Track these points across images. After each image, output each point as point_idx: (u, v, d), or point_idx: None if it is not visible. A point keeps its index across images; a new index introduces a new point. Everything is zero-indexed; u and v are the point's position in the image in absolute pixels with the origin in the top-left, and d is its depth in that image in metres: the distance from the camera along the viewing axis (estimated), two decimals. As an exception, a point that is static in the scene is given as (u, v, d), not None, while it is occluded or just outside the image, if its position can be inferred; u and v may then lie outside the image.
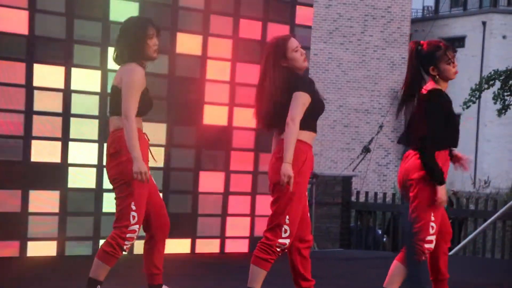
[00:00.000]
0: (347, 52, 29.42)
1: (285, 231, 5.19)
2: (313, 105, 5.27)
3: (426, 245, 5.37)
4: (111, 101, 5.39)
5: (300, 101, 5.21)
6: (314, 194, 12.42)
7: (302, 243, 5.36)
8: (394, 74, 29.51)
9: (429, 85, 5.63)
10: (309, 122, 5.27)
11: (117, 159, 5.23)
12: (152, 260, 5.46)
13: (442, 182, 5.36)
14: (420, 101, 5.57)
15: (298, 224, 5.27)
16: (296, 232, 5.26)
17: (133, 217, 5.21)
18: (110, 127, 5.33)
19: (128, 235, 5.22)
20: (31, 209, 7.73)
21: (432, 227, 5.39)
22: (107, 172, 5.33)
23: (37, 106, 7.73)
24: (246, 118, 8.81)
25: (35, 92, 7.72)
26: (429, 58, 5.59)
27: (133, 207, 5.20)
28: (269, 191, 5.30)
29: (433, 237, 5.40)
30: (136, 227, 5.23)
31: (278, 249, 5.20)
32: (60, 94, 7.85)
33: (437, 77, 5.58)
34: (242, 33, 8.80)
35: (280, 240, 5.18)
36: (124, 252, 5.28)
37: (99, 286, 5.25)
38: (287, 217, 5.19)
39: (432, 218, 5.39)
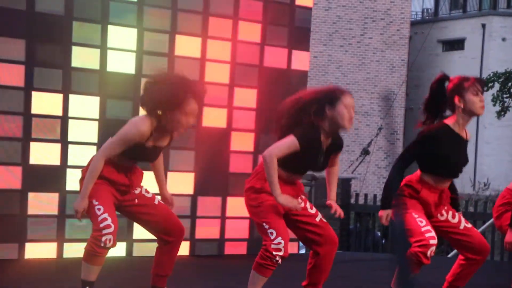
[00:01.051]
0: (347, 55, 29.44)
1: (271, 233, 5.18)
2: (298, 158, 5.24)
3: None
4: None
5: (287, 142, 5.20)
6: (313, 196, 12.42)
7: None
8: (393, 77, 29.52)
9: (447, 120, 5.61)
10: (293, 169, 5.32)
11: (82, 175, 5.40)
12: (158, 262, 5.47)
13: (382, 206, 5.45)
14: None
15: None
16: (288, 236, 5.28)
17: (99, 209, 5.17)
18: None
19: (101, 225, 5.14)
20: (30, 211, 7.74)
21: (421, 221, 5.46)
22: None
23: (35, 109, 7.74)
24: (245, 120, 8.83)
25: (33, 94, 7.73)
26: (456, 87, 5.53)
27: (96, 202, 5.19)
28: None
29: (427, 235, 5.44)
30: (105, 215, 5.15)
31: (274, 253, 5.17)
32: (60, 96, 7.85)
33: (461, 109, 5.52)
34: (242, 35, 8.80)
35: (274, 241, 5.17)
36: (105, 246, 5.15)
37: (88, 287, 5.24)
38: (264, 223, 5.22)
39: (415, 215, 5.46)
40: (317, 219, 5.39)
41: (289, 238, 5.26)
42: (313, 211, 5.44)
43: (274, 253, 5.14)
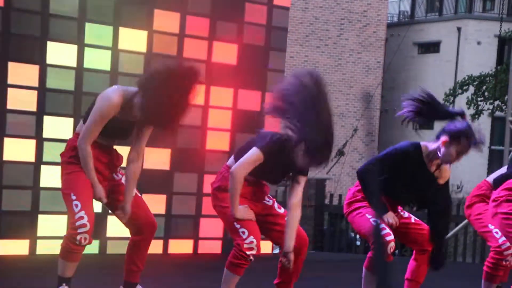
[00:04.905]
0: (323, 56, 29.50)
1: (243, 233, 5.22)
2: (265, 167, 5.25)
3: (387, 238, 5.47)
4: (89, 107, 5.33)
5: (252, 157, 5.23)
6: (288, 197, 12.43)
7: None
8: (369, 78, 29.62)
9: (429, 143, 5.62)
10: (260, 177, 5.35)
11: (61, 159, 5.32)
12: (131, 257, 5.45)
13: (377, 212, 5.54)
14: None
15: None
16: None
17: (76, 205, 5.14)
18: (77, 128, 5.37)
19: (77, 223, 5.11)
20: (4, 207, 7.71)
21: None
22: None
23: (11, 104, 7.71)
24: (221, 119, 8.84)
25: (9, 90, 7.70)
26: (454, 133, 5.51)
27: (73, 197, 5.14)
28: None
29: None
30: (82, 213, 5.11)
31: (248, 252, 5.21)
32: (35, 92, 7.82)
33: (439, 149, 5.53)
34: (219, 34, 8.80)
35: (247, 241, 5.21)
36: (80, 244, 5.13)
37: (65, 283, 5.23)
38: (235, 223, 5.25)
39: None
40: (287, 218, 5.42)
41: (260, 235, 5.30)
42: (282, 210, 5.49)
43: (248, 252, 5.20)
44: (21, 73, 7.74)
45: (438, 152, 5.53)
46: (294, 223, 5.32)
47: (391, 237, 5.47)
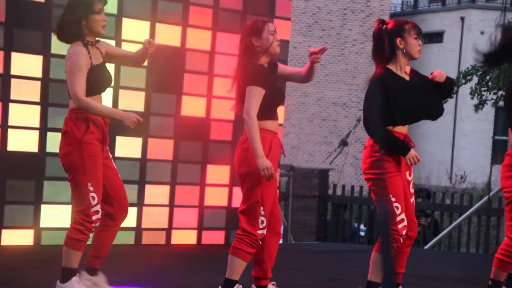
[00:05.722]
0: (326, 46, 29.47)
1: (262, 222, 5.17)
2: (270, 96, 5.29)
3: (400, 226, 5.40)
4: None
5: (252, 94, 5.25)
6: (291, 187, 12.45)
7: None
8: (372, 68, 29.37)
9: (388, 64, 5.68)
10: (269, 111, 5.31)
11: (66, 140, 5.20)
12: (96, 244, 5.36)
13: (404, 152, 5.41)
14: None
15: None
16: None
17: (93, 198, 5.12)
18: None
19: (94, 217, 5.12)
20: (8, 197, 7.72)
21: (397, 207, 5.43)
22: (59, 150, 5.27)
23: (14, 95, 7.70)
24: (224, 110, 8.83)
25: (12, 80, 7.70)
26: (397, 30, 5.62)
27: (91, 188, 5.11)
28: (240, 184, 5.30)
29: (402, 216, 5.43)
30: (98, 207, 5.13)
31: (260, 242, 5.20)
32: (38, 83, 7.82)
33: (402, 51, 5.60)
34: (221, 24, 8.80)
35: (259, 232, 5.17)
36: (91, 232, 5.20)
37: (77, 274, 5.22)
38: (261, 208, 5.17)
39: (393, 199, 5.42)
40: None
41: None
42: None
43: (260, 242, 5.19)
44: (25, 63, 7.74)
45: (402, 56, 5.59)
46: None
47: (404, 223, 5.41)
